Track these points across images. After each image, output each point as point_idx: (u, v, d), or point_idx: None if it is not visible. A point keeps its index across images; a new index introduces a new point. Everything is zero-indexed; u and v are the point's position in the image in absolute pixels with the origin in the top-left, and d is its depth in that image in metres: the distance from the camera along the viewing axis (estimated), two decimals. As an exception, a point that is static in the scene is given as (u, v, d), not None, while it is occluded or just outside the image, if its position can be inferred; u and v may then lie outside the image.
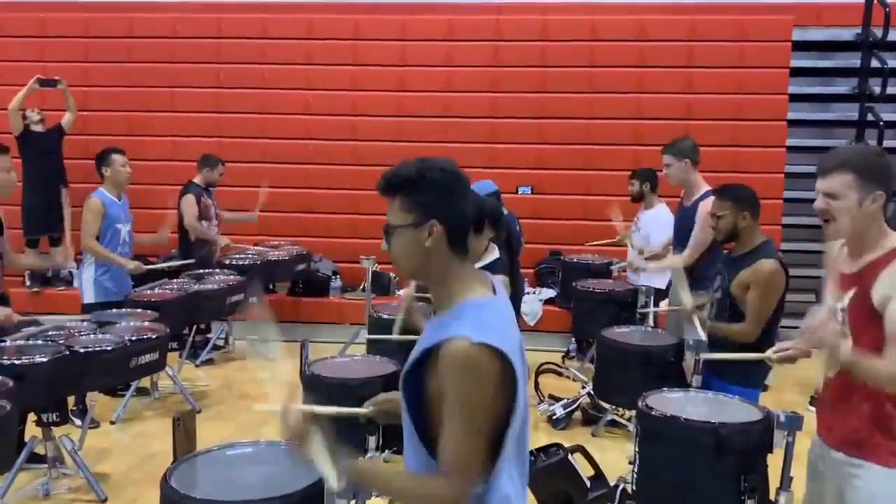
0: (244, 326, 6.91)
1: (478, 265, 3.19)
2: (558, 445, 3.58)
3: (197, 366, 6.53)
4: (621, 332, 4.12)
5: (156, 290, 5.35)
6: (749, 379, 3.33)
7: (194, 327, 6.23)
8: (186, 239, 6.72)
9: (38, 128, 7.48)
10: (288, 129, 8.11)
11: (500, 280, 3.00)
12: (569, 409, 5.14)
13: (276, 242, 7.46)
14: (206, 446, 2.64)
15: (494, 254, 3.18)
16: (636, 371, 3.73)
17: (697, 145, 4.89)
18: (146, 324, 4.49)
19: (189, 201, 6.63)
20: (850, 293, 2.34)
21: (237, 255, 6.81)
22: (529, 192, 7.87)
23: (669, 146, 4.88)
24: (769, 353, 2.73)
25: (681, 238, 4.92)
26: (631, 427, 5.17)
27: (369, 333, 4.63)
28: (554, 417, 5.15)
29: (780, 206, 7.53)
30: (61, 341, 3.91)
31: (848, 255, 2.42)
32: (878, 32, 7.39)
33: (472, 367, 1.63)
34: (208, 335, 6.84)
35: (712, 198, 4.67)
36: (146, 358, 4.18)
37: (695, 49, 7.84)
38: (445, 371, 1.65)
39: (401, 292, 3.55)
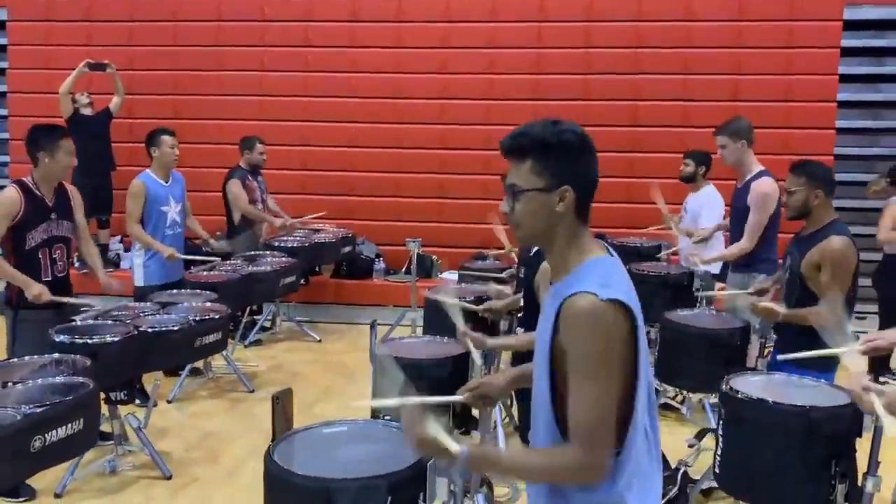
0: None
1: (536, 246, 3.12)
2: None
3: (245, 346, 6.61)
4: (685, 315, 4.08)
5: (212, 272, 5.40)
6: (821, 364, 3.28)
7: (247, 308, 6.29)
8: (231, 222, 6.79)
9: (86, 111, 7.56)
10: (331, 111, 8.12)
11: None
12: None
13: (320, 225, 7.49)
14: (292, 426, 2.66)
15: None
16: (703, 355, 3.69)
17: (752, 126, 4.82)
18: (208, 304, 4.53)
19: (236, 185, 6.68)
20: None
21: (284, 237, 6.85)
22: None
23: (724, 127, 4.80)
24: (857, 346, 2.67)
25: (735, 219, 4.86)
26: (684, 410, 5.14)
27: (426, 315, 4.63)
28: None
29: (830, 189, 7.41)
30: (128, 321, 3.96)
31: None
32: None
33: (599, 323, 1.58)
34: (256, 317, 6.91)
35: (765, 178, 4.63)
36: (210, 338, 4.23)
37: (743, 29, 7.69)
38: (569, 329, 1.60)
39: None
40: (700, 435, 4.35)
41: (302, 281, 6.89)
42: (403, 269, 7.86)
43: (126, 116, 7.93)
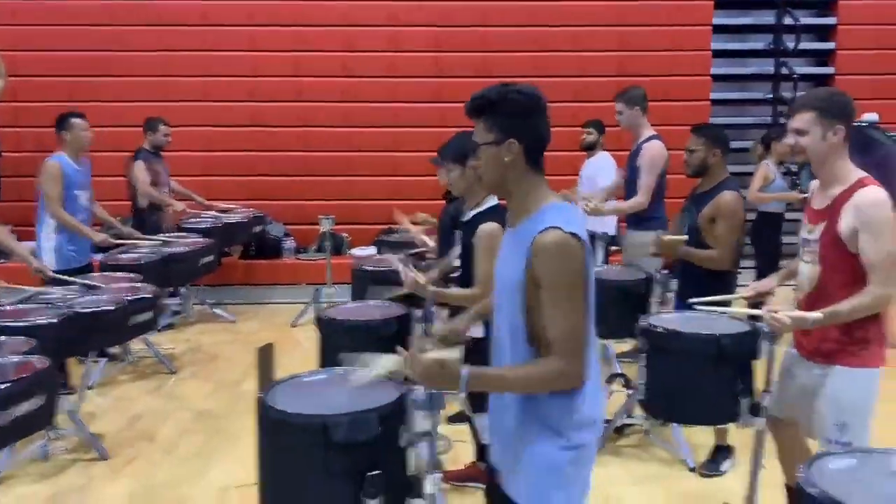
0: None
1: (472, 212, 3.34)
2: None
3: (158, 330, 6.54)
4: (597, 271, 4.45)
5: (128, 255, 5.35)
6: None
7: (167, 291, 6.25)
8: (138, 206, 6.67)
9: (-34, 95, 7.19)
10: (234, 91, 8.06)
11: (491, 230, 3.19)
12: None
13: (228, 206, 7.46)
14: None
15: (494, 200, 3.35)
16: (615, 303, 4.07)
17: (646, 95, 5.26)
18: (137, 284, 4.53)
19: (139, 167, 6.58)
20: (821, 226, 2.71)
21: (194, 220, 6.81)
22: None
23: (622, 94, 5.21)
24: (746, 293, 3.11)
25: (630, 180, 5.30)
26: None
27: (355, 288, 4.80)
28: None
29: (707, 156, 8.07)
30: (60, 304, 3.94)
31: (819, 190, 2.79)
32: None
33: (567, 251, 1.86)
34: (168, 300, 6.83)
35: (654, 141, 5.08)
36: (142, 317, 4.25)
37: (627, 9, 8.20)
38: (543, 259, 1.87)
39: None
40: (609, 380, 4.77)
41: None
42: (313, 247, 7.97)
43: (11, 100, 7.58)
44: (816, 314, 2.53)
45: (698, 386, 2.84)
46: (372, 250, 7.75)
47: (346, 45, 8.13)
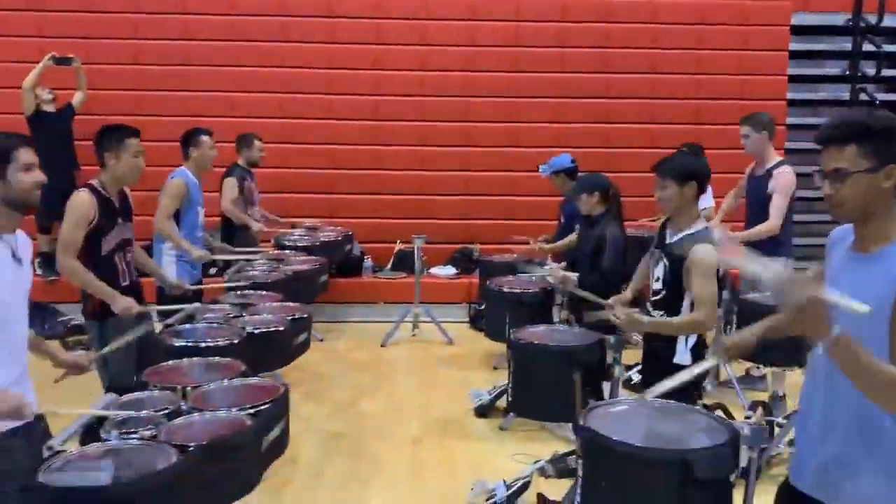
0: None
1: (682, 233, 3.27)
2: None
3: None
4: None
5: (250, 273, 5.22)
6: None
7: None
8: (229, 223, 6.51)
9: (49, 108, 7.10)
10: (309, 108, 8.00)
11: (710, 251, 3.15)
12: (493, 396, 4.64)
13: (311, 224, 7.34)
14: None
15: (703, 223, 3.31)
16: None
17: (774, 120, 5.24)
18: (290, 304, 4.40)
19: (230, 184, 6.43)
20: None
21: (292, 237, 6.70)
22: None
23: (748, 118, 5.20)
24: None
25: (752, 205, 5.27)
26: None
27: (488, 308, 4.71)
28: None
29: (782, 182, 8.06)
30: (225, 324, 3.82)
31: None
32: (871, 18, 7.99)
33: None
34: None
35: (786, 167, 5.07)
36: (301, 337, 4.13)
37: (703, 32, 8.22)
38: None
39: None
40: (752, 407, 4.68)
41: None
42: (388, 266, 7.88)
43: (86, 113, 7.44)
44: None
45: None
46: (450, 270, 7.74)
47: (420, 64, 8.09)
